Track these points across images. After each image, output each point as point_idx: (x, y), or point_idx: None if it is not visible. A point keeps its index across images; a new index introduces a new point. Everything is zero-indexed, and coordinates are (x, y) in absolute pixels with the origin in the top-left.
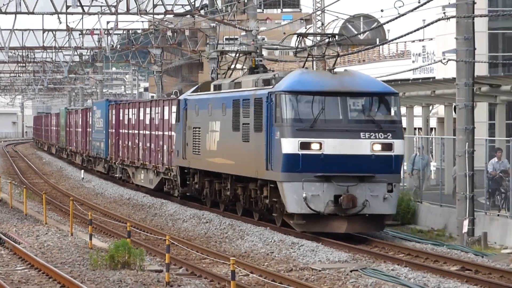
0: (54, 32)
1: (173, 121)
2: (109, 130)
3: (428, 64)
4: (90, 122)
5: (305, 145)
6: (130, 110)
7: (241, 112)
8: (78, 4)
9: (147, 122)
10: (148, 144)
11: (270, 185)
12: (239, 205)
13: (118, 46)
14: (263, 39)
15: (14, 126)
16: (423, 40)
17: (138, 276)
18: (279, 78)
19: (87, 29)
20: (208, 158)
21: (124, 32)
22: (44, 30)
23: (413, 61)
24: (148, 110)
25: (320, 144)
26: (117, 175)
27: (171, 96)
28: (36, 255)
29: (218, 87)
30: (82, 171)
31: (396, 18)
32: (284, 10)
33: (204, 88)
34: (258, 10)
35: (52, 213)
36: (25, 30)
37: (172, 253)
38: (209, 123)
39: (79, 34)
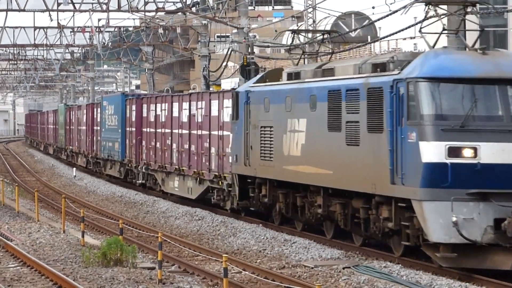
0: (45, 30)
1: (225, 118)
2: (127, 129)
3: None
4: (99, 119)
5: (454, 151)
6: (158, 105)
7: (344, 106)
8: (69, 2)
9: (184, 119)
10: (186, 146)
11: (398, 203)
12: (328, 226)
13: (110, 43)
14: (255, 36)
15: (5, 124)
16: (414, 37)
17: (131, 273)
18: (401, 62)
19: (78, 27)
20: (285, 165)
21: (116, 29)
22: (35, 28)
23: None
24: (185, 105)
25: (475, 149)
26: (139, 181)
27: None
28: (28, 252)
29: (295, 76)
30: (74, 169)
31: (388, 15)
32: (276, 7)
33: (272, 77)
34: (250, 8)
35: (44, 211)
36: (16, 27)
37: (165, 250)
38: (287, 121)
39: (71, 32)
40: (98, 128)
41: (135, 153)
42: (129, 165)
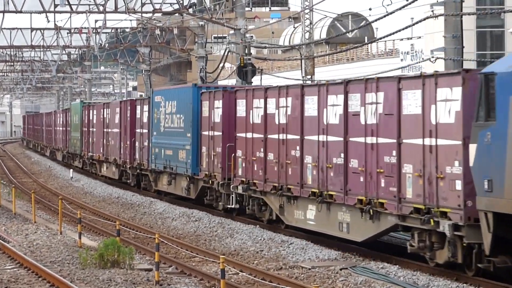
0: (42, 31)
1: (436, 119)
2: (202, 133)
3: (417, 63)
4: (145, 120)
5: None
6: (271, 100)
7: None
8: (66, 3)
9: (332, 120)
10: (336, 160)
11: None
12: None
13: (107, 45)
14: (252, 37)
15: (2, 126)
16: (411, 38)
17: (128, 275)
18: None
19: (75, 28)
20: None
21: (113, 31)
22: (32, 29)
23: (402, 60)
24: (338, 98)
25: None
26: (230, 206)
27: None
28: (25, 254)
29: None
30: (71, 170)
31: (385, 16)
32: (273, 8)
33: None
34: (247, 9)
35: (41, 212)
36: (13, 29)
37: (162, 252)
38: None
39: (67, 33)
40: (144, 130)
41: (221, 166)
42: (209, 181)
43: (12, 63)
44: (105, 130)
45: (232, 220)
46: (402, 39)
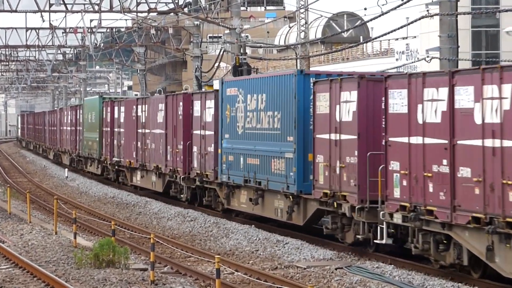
0: (37, 31)
1: None
2: (316, 136)
3: (412, 62)
4: (209, 119)
5: None
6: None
7: None
8: (61, 2)
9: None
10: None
11: None
12: None
13: (102, 44)
14: (247, 37)
15: None
16: (406, 38)
17: (123, 274)
18: None
19: (70, 28)
20: None
21: (108, 30)
22: (27, 29)
23: (397, 59)
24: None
25: None
26: (380, 241)
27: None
28: (20, 253)
29: None
30: (66, 169)
31: (380, 16)
32: (268, 8)
33: None
34: (242, 8)
35: (36, 212)
36: (8, 28)
37: (157, 252)
38: None
39: (63, 33)
40: (208, 132)
41: (357, 183)
42: (333, 204)
43: (7, 63)
44: (140, 130)
45: (227, 220)
46: (397, 39)
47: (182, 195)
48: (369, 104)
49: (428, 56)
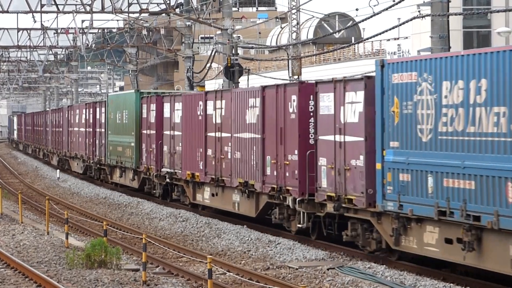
0: (28, 31)
1: None
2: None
3: None
4: (347, 119)
5: None
6: None
7: None
8: (53, 3)
9: None
10: None
11: None
12: None
13: (93, 45)
14: (239, 37)
15: None
16: (398, 38)
17: (115, 275)
18: None
19: (62, 28)
20: None
21: (99, 31)
22: (18, 29)
23: None
24: None
25: None
26: None
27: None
28: (12, 254)
29: None
30: (58, 170)
31: (371, 16)
32: (260, 8)
33: None
34: (234, 9)
35: (28, 213)
36: None
37: (149, 252)
38: None
39: (54, 33)
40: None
41: None
42: None
43: None
44: (212, 134)
45: (219, 220)
46: (389, 40)
47: (299, 225)
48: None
49: None
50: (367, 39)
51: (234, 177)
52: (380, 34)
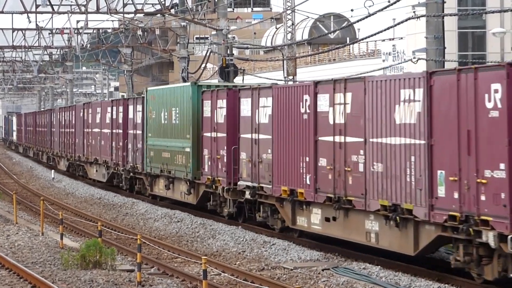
0: (23, 31)
1: None
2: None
3: (398, 63)
4: None
5: None
6: None
7: None
8: (48, 3)
9: None
10: None
11: None
12: None
13: (88, 45)
14: (234, 38)
15: None
16: (393, 39)
17: (110, 275)
18: None
19: (57, 28)
20: None
21: (94, 31)
22: (13, 29)
23: (384, 60)
24: None
25: None
26: None
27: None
28: (6, 255)
29: None
30: (53, 171)
31: (366, 17)
32: (255, 9)
33: None
34: (229, 10)
35: (22, 213)
36: None
37: (144, 253)
38: None
39: (49, 34)
40: None
41: None
42: None
43: None
44: (325, 139)
45: (214, 221)
46: (384, 40)
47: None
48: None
49: (414, 57)
50: (362, 39)
51: (370, 197)
52: (375, 34)
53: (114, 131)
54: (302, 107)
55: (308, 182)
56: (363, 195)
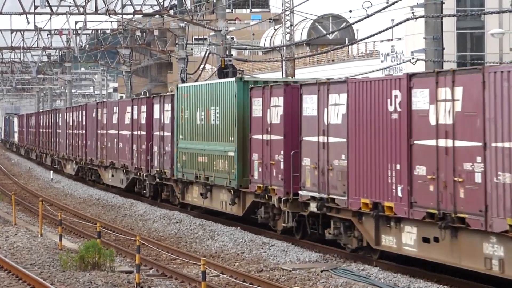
0: (22, 32)
1: None
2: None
3: (397, 64)
4: None
5: None
6: None
7: None
8: (46, 4)
9: None
10: None
11: None
12: None
13: (87, 46)
14: (232, 39)
15: None
16: (392, 40)
17: (108, 277)
18: None
19: (55, 29)
20: None
21: (93, 32)
22: (12, 31)
23: (382, 61)
24: None
25: None
26: None
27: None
28: (5, 256)
29: None
30: (51, 171)
31: (365, 18)
32: (253, 10)
33: None
34: (227, 10)
35: (21, 214)
36: None
37: (143, 254)
38: None
39: (48, 34)
40: None
41: None
42: None
43: None
44: (425, 143)
45: (213, 222)
46: (382, 41)
47: None
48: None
49: (413, 58)
50: (361, 40)
51: (493, 215)
52: (373, 35)
53: (135, 132)
54: (390, 105)
55: (399, 194)
56: (482, 212)
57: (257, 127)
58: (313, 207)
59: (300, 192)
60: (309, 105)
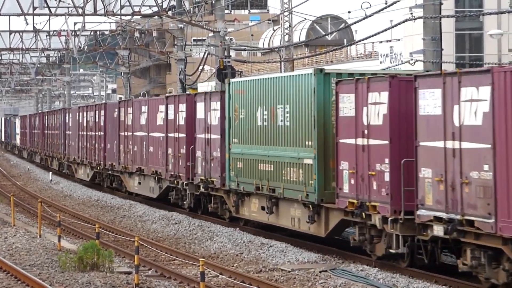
0: (20, 34)
1: None
2: None
3: (396, 65)
4: None
5: None
6: None
7: None
8: (45, 5)
9: None
10: None
11: None
12: None
13: (86, 47)
14: (231, 40)
15: None
16: (390, 41)
17: (107, 278)
18: None
19: (54, 31)
20: None
21: (92, 33)
22: (10, 32)
23: (381, 62)
24: None
25: None
26: None
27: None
28: (4, 257)
29: None
30: (50, 173)
31: (364, 19)
32: (252, 11)
33: None
34: (226, 11)
35: (20, 215)
36: None
37: (141, 255)
38: None
39: (46, 36)
40: None
41: None
42: None
43: None
44: None
45: (212, 223)
46: (381, 42)
47: None
48: None
49: (412, 59)
50: (360, 41)
51: None
52: (372, 36)
53: (170, 135)
54: None
55: None
56: None
57: (348, 129)
58: (437, 230)
59: (418, 212)
60: (429, 101)
